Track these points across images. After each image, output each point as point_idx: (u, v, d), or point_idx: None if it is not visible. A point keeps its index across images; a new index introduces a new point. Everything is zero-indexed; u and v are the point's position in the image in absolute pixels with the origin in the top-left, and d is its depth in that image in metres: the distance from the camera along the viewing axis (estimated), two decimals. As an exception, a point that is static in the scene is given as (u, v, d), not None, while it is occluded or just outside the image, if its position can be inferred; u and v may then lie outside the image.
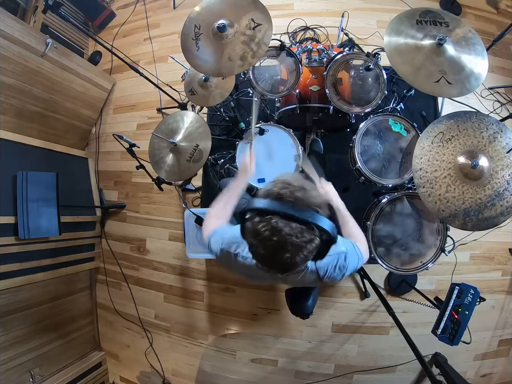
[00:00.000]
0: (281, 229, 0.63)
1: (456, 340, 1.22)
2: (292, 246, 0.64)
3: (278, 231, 0.63)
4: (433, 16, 1.21)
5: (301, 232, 0.64)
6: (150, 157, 1.64)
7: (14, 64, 1.85)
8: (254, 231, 0.67)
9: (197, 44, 1.30)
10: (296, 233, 0.64)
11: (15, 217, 1.73)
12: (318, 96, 1.60)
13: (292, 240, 0.64)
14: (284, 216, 0.64)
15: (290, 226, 0.64)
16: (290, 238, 0.63)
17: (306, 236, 0.65)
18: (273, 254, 0.66)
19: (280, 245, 0.64)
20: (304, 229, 0.65)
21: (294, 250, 0.65)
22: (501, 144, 1.11)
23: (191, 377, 2.22)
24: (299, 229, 0.64)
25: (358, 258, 0.94)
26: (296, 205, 0.65)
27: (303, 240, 0.65)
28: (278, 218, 0.64)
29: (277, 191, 0.67)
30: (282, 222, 0.64)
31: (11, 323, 1.85)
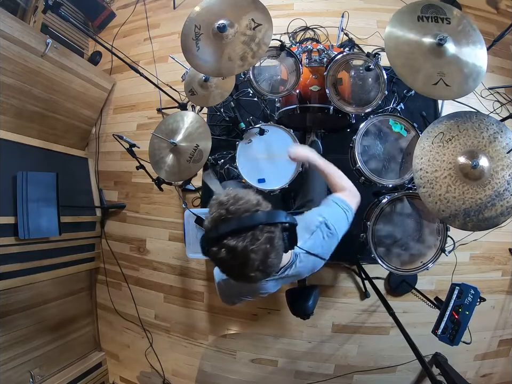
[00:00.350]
0: (235, 246, 0.64)
1: (456, 340, 1.22)
2: (255, 254, 0.65)
3: (234, 249, 0.64)
4: (435, 11, 1.20)
5: (254, 237, 0.65)
6: (150, 157, 1.64)
7: (14, 64, 1.85)
8: (217, 260, 0.68)
9: (197, 44, 1.30)
10: (250, 241, 0.64)
11: (15, 218, 1.73)
12: (318, 96, 1.60)
13: (252, 249, 0.64)
14: (232, 233, 0.65)
15: (243, 238, 0.64)
16: (248, 248, 0.64)
17: (261, 238, 0.65)
18: (244, 269, 0.67)
19: (244, 259, 0.65)
20: (255, 233, 0.65)
21: (259, 256, 0.65)
22: (501, 144, 1.11)
23: (191, 377, 2.22)
24: (250, 236, 0.65)
25: (344, 214, 0.95)
26: (236, 217, 0.66)
27: (261, 243, 0.65)
28: (229, 238, 0.64)
29: (216, 215, 0.67)
30: (233, 239, 0.64)
31: (11, 323, 1.85)
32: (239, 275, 0.70)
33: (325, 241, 0.91)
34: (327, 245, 0.92)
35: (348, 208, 0.98)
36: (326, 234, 0.91)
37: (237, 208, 0.66)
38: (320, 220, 0.92)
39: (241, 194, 0.69)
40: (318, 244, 0.90)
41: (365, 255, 1.88)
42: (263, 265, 0.67)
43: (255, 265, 0.66)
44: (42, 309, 2.06)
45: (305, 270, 0.94)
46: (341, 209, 0.96)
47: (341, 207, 0.96)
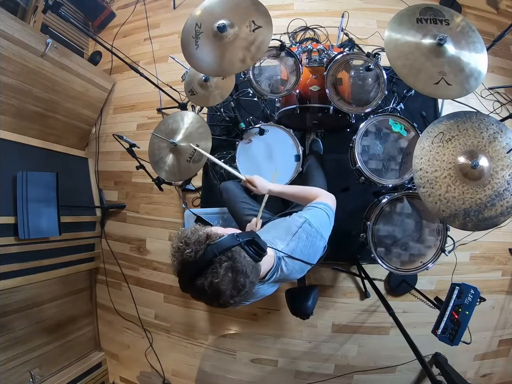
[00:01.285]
0: (202, 284, 0.66)
1: (456, 340, 1.22)
2: (222, 285, 0.67)
3: (202, 287, 0.66)
4: (433, 13, 1.21)
5: (214, 271, 0.66)
6: (150, 157, 1.64)
7: (14, 64, 1.85)
8: (196, 298, 0.72)
9: (197, 42, 1.30)
10: (212, 276, 0.66)
11: (15, 217, 1.72)
12: (318, 96, 1.60)
13: (217, 282, 0.66)
14: (195, 275, 0.67)
15: (205, 276, 0.66)
16: (214, 282, 0.66)
17: (220, 269, 0.67)
18: (220, 300, 0.69)
19: (216, 292, 0.67)
20: (214, 266, 0.67)
21: (227, 284, 0.67)
22: (501, 144, 1.11)
23: (191, 377, 2.22)
24: (210, 271, 0.66)
25: (324, 213, 0.97)
26: (192, 260, 0.67)
27: (223, 274, 0.67)
28: (195, 280, 0.67)
29: (177, 262, 0.70)
30: (199, 279, 0.67)
31: (11, 323, 1.85)
32: (220, 305, 0.71)
33: (308, 241, 0.91)
34: (311, 244, 0.91)
35: (326, 206, 0.99)
36: (309, 234, 0.91)
37: (190, 251, 0.68)
38: (302, 221, 0.92)
39: (189, 234, 0.71)
40: (301, 245, 0.90)
41: (365, 255, 1.88)
42: (236, 290, 0.69)
43: (228, 294, 0.68)
44: (42, 309, 2.06)
45: (294, 272, 0.93)
46: (320, 209, 0.97)
47: (319, 208, 0.98)
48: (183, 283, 0.71)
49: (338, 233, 1.30)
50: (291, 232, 0.91)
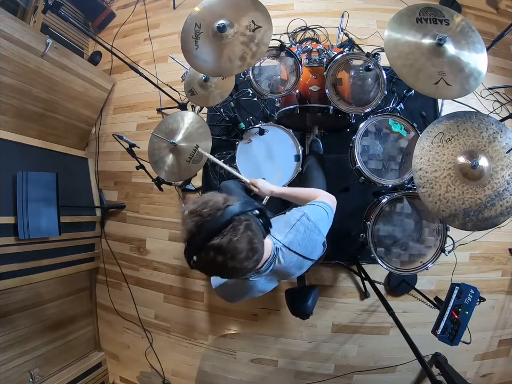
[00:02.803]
0: (221, 243, 0.65)
1: (456, 340, 1.21)
2: (240, 243, 0.67)
3: (220, 246, 0.66)
4: (433, 13, 1.21)
5: (234, 229, 0.67)
6: (150, 157, 1.64)
7: (14, 64, 1.85)
8: (207, 264, 0.70)
9: (196, 43, 1.30)
10: (232, 233, 0.66)
11: (15, 217, 1.72)
12: (318, 96, 1.60)
13: (236, 240, 0.66)
14: (213, 234, 0.66)
15: (224, 234, 0.66)
16: (233, 240, 0.66)
17: (241, 227, 0.67)
18: (235, 262, 0.68)
19: (233, 252, 0.67)
20: (234, 225, 0.67)
21: (245, 244, 0.68)
22: (500, 144, 1.11)
23: (191, 377, 2.22)
24: (231, 229, 0.67)
25: (323, 210, 0.98)
26: (212, 218, 0.67)
27: (242, 231, 0.67)
28: (213, 239, 0.66)
29: (191, 224, 0.69)
30: (216, 238, 0.66)
31: (11, 323, 1.85)
32: (232, 270, 0.70)
33: (306, 235, 0.92)
34: (308, 238, 0.92)
35: (325, 204, 1.00)
36: (307, 227, 0.92)
37: (209, 210, 0.68)
38: (300, 214, 0.94)
39: (207, 198, 0.71)
40: (299, 238, 0.91)
41: (365, 255, 1.88)
42: (252, 251, 0.69)
43: (244, 255, 0.68)
44: (42, 309, 2.06)
45: (292, 266, 0.93)
46: (319, 207, 0.99)
47: (318, 205, 0.99)
48: (196, 247, 0.68)
49: (338, 233, 1.30)
50: (289, 225, 0.92)
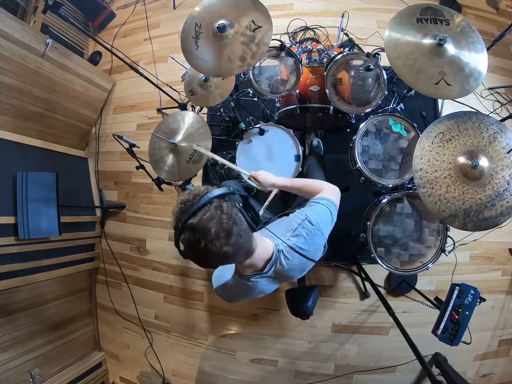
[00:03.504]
0: (193, 223, 0.68)
1: (456, 340, 1.22)
2: (210, 222, 0.68)
3: (192, 226, 0.68)
4: (433, 13, 1.21)
5: (205, 210, 0.69)
6: (150, 157, 1.64)
7: (14, 64, 1.85)
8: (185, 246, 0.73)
9: (196, 43, 1.30)
10: (203, 214, 0.69)
11: (15, 217, 1.72)
12: (318, 96, 1.60)
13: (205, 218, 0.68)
14: (190, 216, 0.69)
15: (197, 215, 0.69)
16: (202, 219, 0.68)
17: (210, 208, 0.70)
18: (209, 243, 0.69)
19: (204, 231, 0.68)
20: (206, 207, 0.70)
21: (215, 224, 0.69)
22: (501, 144, 1.11)
23: (191, 377, 2.22)
24: (202, 210, 0.69)
25: (326, 208, 0.96)
26: (190, 204, 0.71)
27: (211, 211, 0.69)
28: (189, 221, 0.69)
29: (176, 210, 0.73)
30: (191, 219, 0.69)
31: (11, 323, 1.85)
32: (208, 253, 0.70)
33: (309, 238, 0.91)
34: (311, 241, 0.92)
35: (329, 202, 0.98)
36: (310, 231, 0.91)
37: (190, 198, 0.72)
38: (302, 218, 0.93)
39: (193, 189, 0.76)
40: (302, 241, 0.90)
41: (365, 255, 1.88)
42: (224, 231, 0.69)
43: (214, 235, 0.68)
44: (42, 309, 2.06)
45: (294, 268, 0.93)
46: (322, 205, 0.97)
47: (321, 204, 0.97)
48: (178, 230, 0.72)
49: (338, 233, 1.30)
50: (291, 229, 0.92)
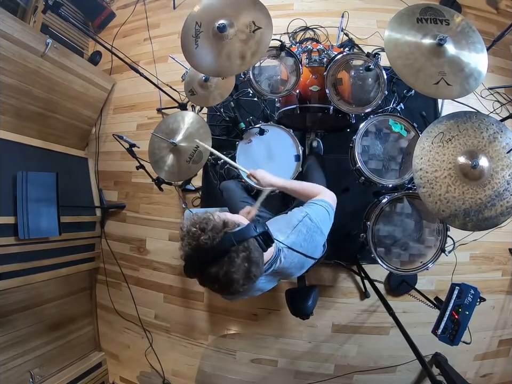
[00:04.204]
0: (217, 273, 0.65)
1: (456, 340, 1.22)
2: (236, 274, 0.67)
3: (216, 276, 0.66)
4: (433, 13, 1.21)
5: (231, 260, 0.66)
6: (150, 157, 1.64)
7: (14, 64, 1.85)
8: (204, 285, 0.71)
9: (196, 42, 1.29)
10: (229, 265, 0.66)
11: (15, 217, 1.72)
12: (318, 96, 1.60)
13: (233, 271, 0.66)
14: (210, 263, 0.66)
15: (221, 264, 0.65)
16: (230, 271, 0.66)
17: (237, 259, 0.66)
18: (230, 288, 0.68)
19: (229, 281, 0.67)
20: (231, 256, 0.66)
21: (241, 274, 0.67)
22: (501, 144, 1.11)
23: (191, 377, 2.22)
24: (227, 260, 0.66)
25: (325, 210, 0.97)
26: (209, 247, 0.66)
27: (239, 264, 0.67)
28: (209, 267, 0.66)
29: (189, 248, 0.68)
30: (213, 267, 0.65)
31: (11, 323, 1.85)
32: (228, 293, 0.72)
33: (308, 235, 0.91)
34: (310, 239, 0.92)
35: (327, 204, 1.00)
36: (309, 228, 0.91)
37: (206, 238, 0.66)
38: (303, 215, 0.93)
39: (205, 221, 0.69)
40: (301, 238, 0.90)
41: (365, 255, 1.88)
42: (247, 279, 0.69)
43: (240, 283, 0.68)
44: (42, 309, 2.06)
45: (293, 266, 0.93)
46: (320, 206, 0.98)
47: (320, 205, 0.98)
48: (192, 269, 0.69)
49: (338, 233, 1.30)
50: (291, 225, 0.92)
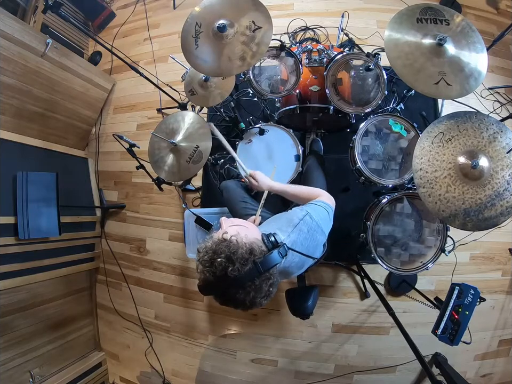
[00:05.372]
0: (244, 299, 0.69)
1: (456, 340, 1.21)
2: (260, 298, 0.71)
3: (243, 301, 0.69)
4: (433, 13, 1.21)
5: (257, 287, 0.69)
6: (150, 157, 1.64)
7: (14, 64, 1.85)
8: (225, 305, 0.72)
9: (196, 42, 1.29)
10: (255, 291, 0.69)
11: (15, 217, 1.72)
12: (318, 96, 1.60)
13: (258, 296, 0.70)
14: (236, 288, 0.68)
15: (248, 291, 0.68)
16: (256, 297, 0.69)
17: (265, 286, 0.70)
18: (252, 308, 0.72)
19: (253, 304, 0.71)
20: (257, 283, 0.69)
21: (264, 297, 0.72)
22: (501, 144, 1.11)
23: (191, 377, 2.22)
24: (254, 288, 0.69)
25: (325, 210, 0.98)
26: (237, 276, 0.67)
27: (266, 290, 0.71)
28: (234, 292, 0.68)
29: (209, 277, 0.69)
30: (239, 292, 0.68)
31: (11, 323, 1.85)
32: (246, 310, 0.74)
33: (309, 234, 0.91)
34: (311, 238, 0.92)
35: (326, 205, 1.00)
36: (310, 227, 0.91)
37: (234, 270, 0.67)
38: (303, 213, 0.93)
39: (232, 249, 0.69)
40: (302, 237, 0.90)
41: (365, 255, 1.88)
42: (267, 298, 0.73)
43: (263, 303, 0.72)
44: (42, 309, 2.06)
45: (293, 265, 0.93)
46: (320, 206, 0.99)
47: (320, 205, 0.99)
48: (212, 292, 0.71)
49: (338, 233, 1.30)
50: (292, 224, 0.91)
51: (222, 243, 0.70)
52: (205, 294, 0.73)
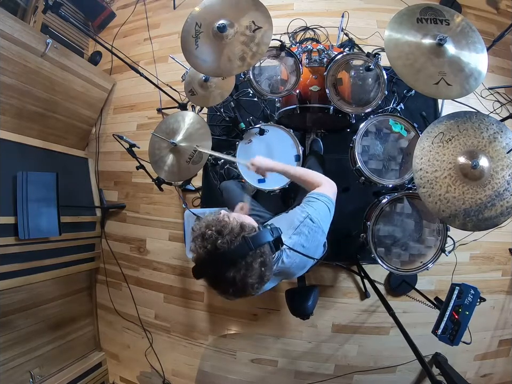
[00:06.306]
0: (234, 277, 0.67)
1: (456, 340, 1.21)
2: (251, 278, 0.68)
3: (233, 280, 0.67)
4: (433, 13, 1.21)
5: (248, 265, 0.67)
6: (150, 157, 1.64)
7: (14, 64, 1.85)
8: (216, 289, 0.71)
9: (196, 42, 1.30)
10: (246, 269, 0.67)
11: (15, 218, 1.72)
12: (318, 96, 1.60)
13: (249, 276, 0.68)
14: (227, 267, 0.66)
15: (238, 269, 0.66)
16: (247, 276, 0.67)
17: (255, 264, 0.68)
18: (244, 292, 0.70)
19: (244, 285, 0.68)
20: (248, 260, 0.67)
21: (256, 278, 0.69)
22: (501, 144, 1.11)
23: (191, 377, 2.22)
24: (245, 265, 0.67)
25: (326, 206, 0.97)
26: (227, 251, 0.66)
27: (257, 268, 0.68)
28: (225, 271, 0.66)
29: (204, 250, 0.68)
30: (230, 271, 0.66)
31: (11, 323, 1.85)
32: (241, 297, 0.73)
33: (310, 236, 0.91)
34: (312, 239, 0.92)
35: (328, 199, 0.99)
36: (311, 229, 0.92)
37: (224, 242, 0.66)
38: (304, 215, 0.93)
39: (222, 223, 0.69)
40: (303, 239, 0.91)
41: (365, 255, 1.88)
42: (261, 282, 0.71)
43: (255, 286, 0.70)
44: (42, 309, 2.06)
45: (294, 266, 0.94)
46: (322, 202, 0.97)
47: (321, 201, 0.98)
48: (205, 271, 0.69)
49: (338, 233, 1.30)
50: (293, 226, 0.92)
51: (214, 220, 0.72)
52: (198, 276, 0.71)
